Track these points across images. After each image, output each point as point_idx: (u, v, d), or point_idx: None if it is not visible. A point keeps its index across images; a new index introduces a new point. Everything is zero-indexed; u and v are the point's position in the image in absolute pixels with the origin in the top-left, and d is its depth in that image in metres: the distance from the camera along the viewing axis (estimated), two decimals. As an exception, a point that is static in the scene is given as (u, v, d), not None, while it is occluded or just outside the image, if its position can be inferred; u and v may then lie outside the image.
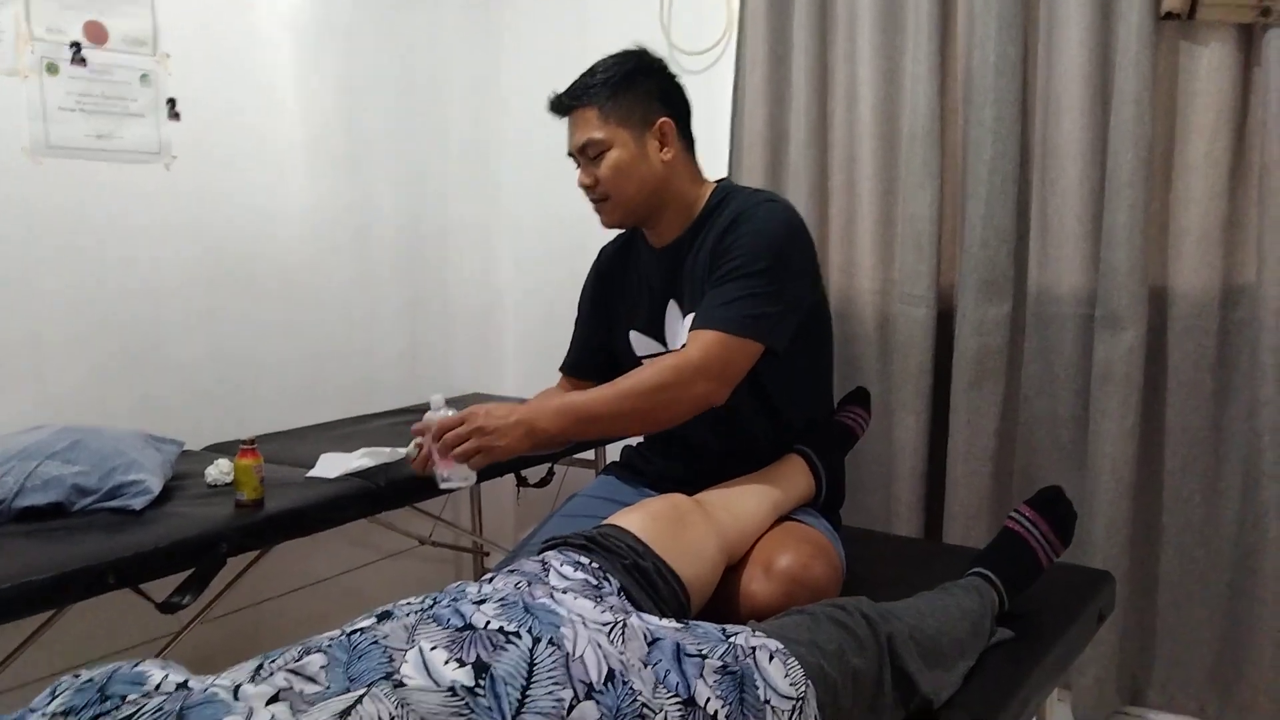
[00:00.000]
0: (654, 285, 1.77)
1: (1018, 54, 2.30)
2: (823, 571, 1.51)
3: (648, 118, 1.66)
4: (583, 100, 1.65)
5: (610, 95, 1.64)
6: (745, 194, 1.71)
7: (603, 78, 1.65)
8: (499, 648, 0.92)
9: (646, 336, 1.78)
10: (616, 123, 1.64)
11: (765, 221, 1.62)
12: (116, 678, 0.83)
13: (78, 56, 2.20)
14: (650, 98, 1.67)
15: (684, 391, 1.56)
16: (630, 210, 1.70)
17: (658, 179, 1.68)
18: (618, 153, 1.65)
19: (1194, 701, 2.29)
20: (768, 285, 1.58)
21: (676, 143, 1.69)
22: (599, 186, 1.68)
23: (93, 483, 1.85)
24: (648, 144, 1.66)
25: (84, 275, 2.26)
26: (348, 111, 2.83)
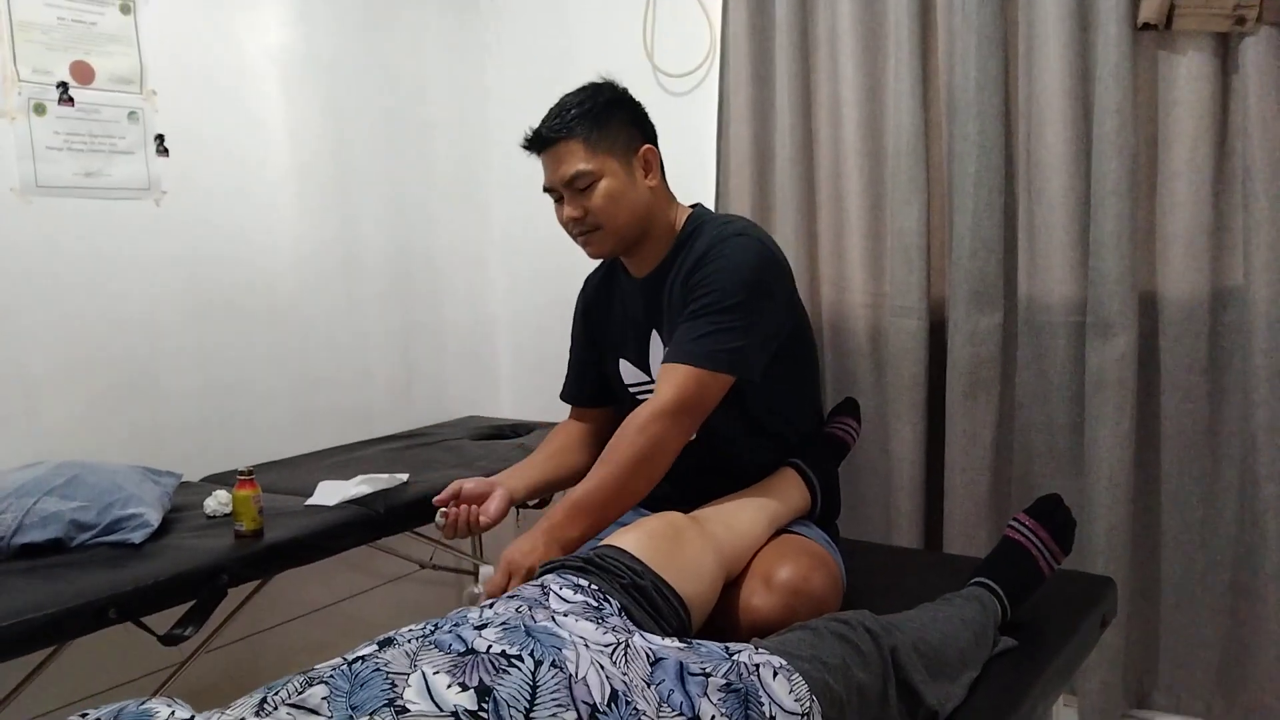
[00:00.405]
0: (637, 316, 1.78)
1: (999, 68, 2.32)
2: (822, 582, 1.52)
3: (630, 145, 1.67)
4: (565, 133, 1.64)
5: (594, 126, 1.64)
6: (716, 224, 1.71)
7: (581, 110, 1.64)
8: (501, 671, 0.92)
9: (634, 366, 1.79)
10: (604, 152, 1.64)
11: (735, 256, 1.62)
12: (124, 716, 0.83)
13: (65, 96, 2.21)
14: (629, 125, 1.68)
15: (666, 437, 1.57)
16: (621, 238, 1.70)
17: (645, 206, 1.69)
18: (609, 182, 1.64)
19: (1200, 703, 2.29)
20: (738, 319, 1.58)
21: (658, 170, 1.71)
22: (588, 217, 1.66)
23: (91, 518, 1.85)
24: (635, 171, 1.68)
25: (76, 311, 2.27)
26: (335, 141, 2.84)
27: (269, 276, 2.68)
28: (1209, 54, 2.11)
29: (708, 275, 1.61)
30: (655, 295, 1.74)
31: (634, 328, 1.79)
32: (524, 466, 1.87)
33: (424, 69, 3.10)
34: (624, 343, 1.81)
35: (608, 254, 1.76)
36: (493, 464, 2.45)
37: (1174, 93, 2.17)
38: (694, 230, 1.72)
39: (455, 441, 2.76)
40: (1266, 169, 2.05)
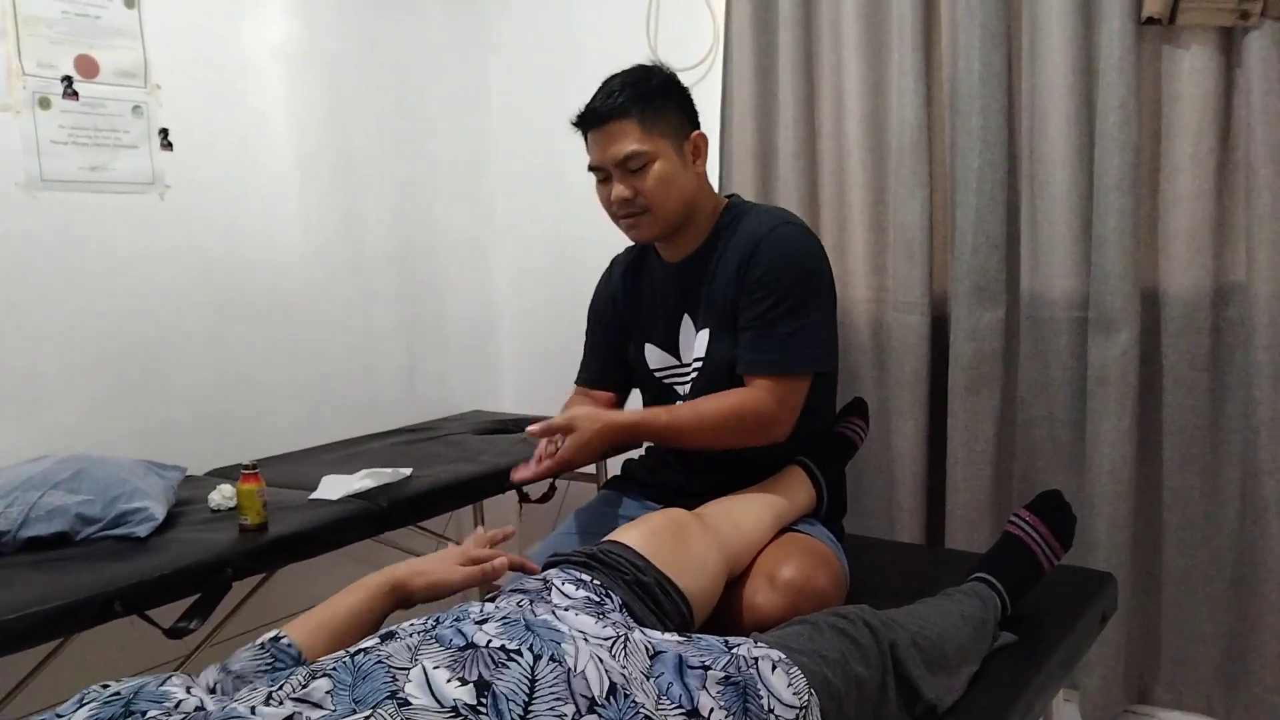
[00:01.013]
0: (668, 299, 1.78)
1: (1002, 62, 2.32)
2: (826, 581, 1.52)
3: (682, 130, 1.67)
4: (620, 112, 1.62)
5: (649, 106, 1.63)
6: (759, 213, 1.72)
7: (636, 90, 1.63)
8: (500, 665, 0.93)
9: (662, 350, 1.80)
10: (659, 133, 1.63)
11: (795, 247, 1.65)
12: (142, 694, 0.84)
13: (69, 90, 2.22)
14: (680, 111, 1.68)
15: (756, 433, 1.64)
16: (668, 223, 1.69)
17: (693, 192, 1.69)
18: (663, 164, 1.64)
19: (1201, 698, 2.29)
20: (810, 314, 1.63)
21: (705, 156, 1.71)
22: (639, 199, 1.65)
23: (97, 511, 1.87)
24: (686, 156, 1.68)
25: (81, 305, 2.28)
26: (339, 135, 2.85)
27: (273, 271, 2.69)
28: (1213, 49, 2.11)
29: (772, 268, 1.62)
30: (691, 280, 1.74)
31: (664, 312, 1.79)
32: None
33: (427, 63, 3.10)
34: (652, 327, 1.81)
35: (653, 238, 1.74)
36: (496, 458, 2.46)
37: (1177, 87, 2.17)
38: (734, 218, 1.72)
39: (459, 436, 2.77)
40: (1269, 164, 2.05)
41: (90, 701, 0.82)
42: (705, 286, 1.71)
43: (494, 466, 2.40)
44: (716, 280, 1.69)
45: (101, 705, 0.82)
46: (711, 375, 1.71)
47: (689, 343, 1.75)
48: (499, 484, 2.39)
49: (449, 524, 2.92)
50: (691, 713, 1.02)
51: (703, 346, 1.71)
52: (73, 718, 0.81)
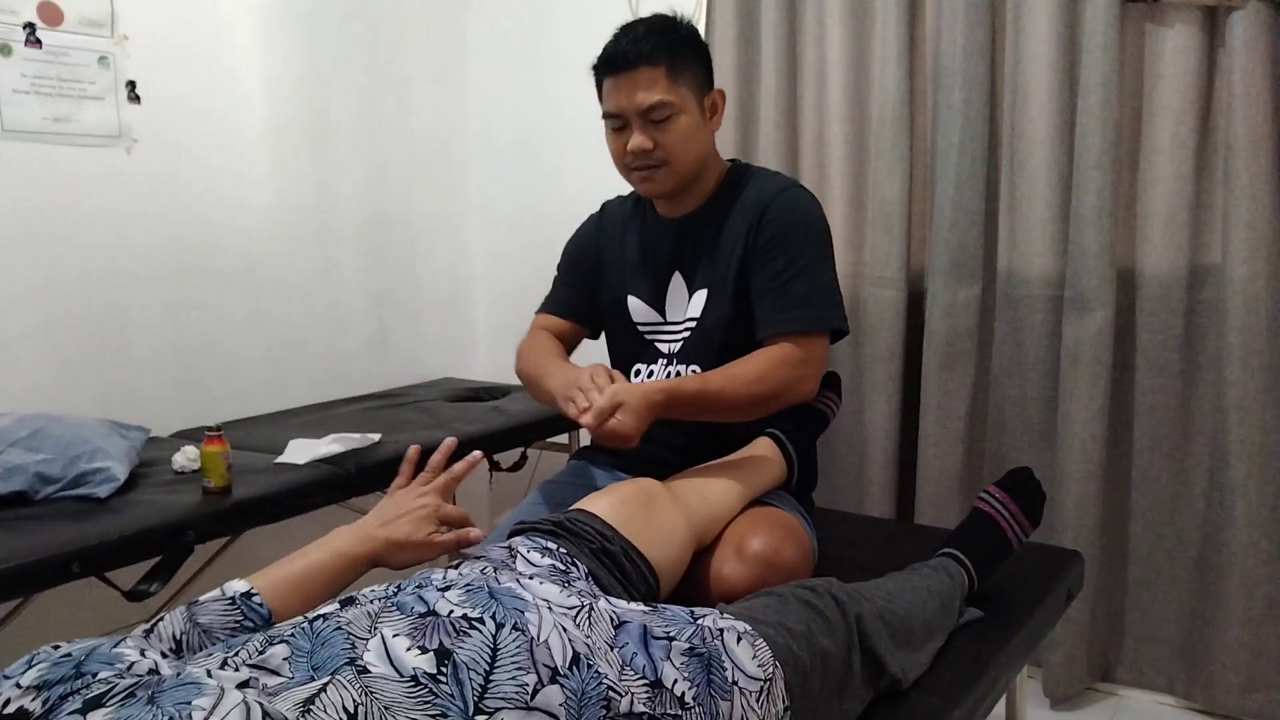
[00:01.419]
0: (660, 255, 1.75)
1: (986, 37, 2.30)
2: (794, 554, 1.52)
3: (704, 86, 1.64)
4: (649, 59, 1.55)
5: (679, 56, 1.58)
6: (765, 176, 1.71)
7: (665, 39, 1.57)
8: (462, 634, 0.91)
9: (647, 305, 1.77)
10: (685, 85, 1.59)
11: (805, 209, 1.65)
12: (94, 656, 0.82)
13: (32, 38, 2.15)
14: (702, 65, 1.64)
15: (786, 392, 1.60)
16: (683, 178, 1.66)
17: (708, 149, 1.68)
18: (687, 119, 1.60)
19: (1163, 677, 2.32)
20: (824, 274, 1.63)
21: (720, 115, 1.69)
22: (658, 151, 1.60)
23: (57, 471, 1.83)
24: (705, 112, 1.65)
25: (44, 262, 2.23)
26: (312, 98, 2.79)
27: (243, 231, 2.64)
28: (1197, 28, 2.10)
29: (785, 230, 1.61)
30: (689, 239, 1.72)
31: (653, 264, 1.76)
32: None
33: (403, 26, 3.05)
34: (639, 281, 1.78)
35: (665, 194, 1.69)
36: (467, 425, 2.44)
37: (1160, 66, 2.16)
38: (738, 180, 1.71)
39: (430, 403, 2.75)
40: (1248, 146, 2.04)
41: (40, 662, 0.80)
42: (705, 247, 1.69)
43: (464, 434, 2.37)
44: (720, 242, 1.67)
45: (51, 666, 0.80)
46: (704, 336, 1.69)
47: (678, 301, 1.73)
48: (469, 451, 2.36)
49: (418, 491, 2.89)
50: (655, 684, 1.01)
51: (697, 307, 1.69)
52: (21, 679, 0.79)
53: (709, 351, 1.68)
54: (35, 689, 0.77)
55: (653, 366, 1.76)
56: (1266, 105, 2.04)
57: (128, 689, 0.77)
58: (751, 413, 1.62)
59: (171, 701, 0.75)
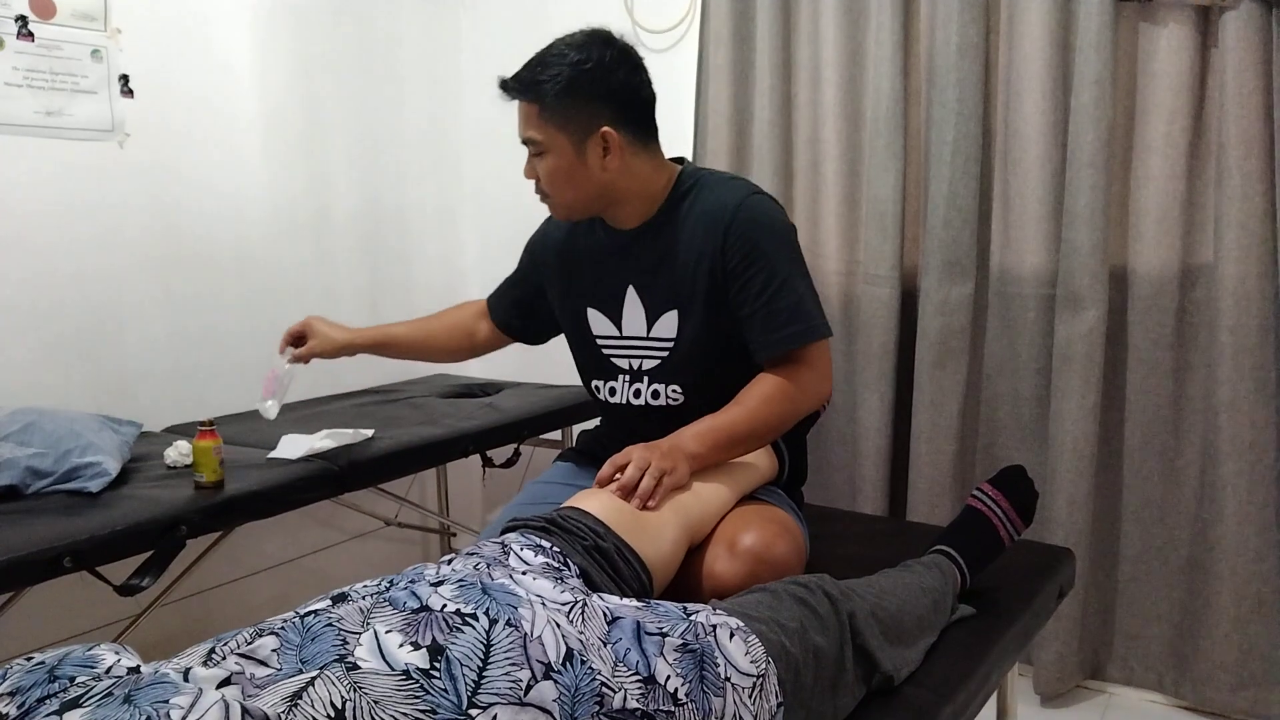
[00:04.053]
0: (611, 266, 1.72)
1: (980, 35, 2.30)
2: (786, 550, 1.51)
3: (591, 125, 1.57)
4: (526, 95, 1.57)
5: (554, 96, 1.54)
6: (719, 184, 1.65)
7: (551, 74, 1.54)
8: (455, 630, 0.91)
9: (605, 318, 1.74)
10: (555, 127, 1.56)
11: (770, 218, 1.61)
12: (68, 660, 0.82)
13: (24, 31, 2.14)
14: (596, 101, 1.55)
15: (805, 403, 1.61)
16: (574, 210, 1.65)
17: (599, 184, 1.61)
18: (553, 159, 1.58)
19: (1153, 675, 2.33)
20: (802, 282, 1.61)
21: (622, 151, 1.59)
22: (539, 183, 1.63)
23: (48, 465, 1.83)
24: (588, 152, 1.58)
25: (36, 256, 2.22)
26: (305, 91, 2.78)
27: (236, 226, 2.63)
28: (1190, 27, 2.11)
29: (756, 245, 1.58)
30: (641, 252, 1.68)
31: (606, 276, 1.72)
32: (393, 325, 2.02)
33: (397, 18, 3.04)
34: (595, 293, 1.74)
35: (566, 219, 1.71)
36: (460, 421, 2.44)
37: (1153, 65, 2.17)
38: (688, 189, 1.65)
39: (423, 399, 2.74)
40: (1240, 145, 2.05)
41: (13, 674, 0.80)
42: (662, 262, 1.65)
43: (457, 430, 2.38)
44: (680, 257, 1.63)
45: (24, 673, 0.80)
46: (685, 357, 1.66)
47: (635, 318, 1.69)
48: (462, 448, 2.37)
49: (410, 487, 2.90)
50: (648, 679, 1.01)
51: (670, 327, 1.66)
52: None
53: (692, 371, 1.66)
54: (9, 695, 0.77)
55: (613, 383, 1.74)
56: (1258, 105, 2.05)
57: (105, 690, 0.77)
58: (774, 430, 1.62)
59: (149, 700, 0.75)
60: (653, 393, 1.69)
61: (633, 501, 1.41)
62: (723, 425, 1.56)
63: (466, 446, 2.37)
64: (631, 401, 1.71)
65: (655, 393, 1.69)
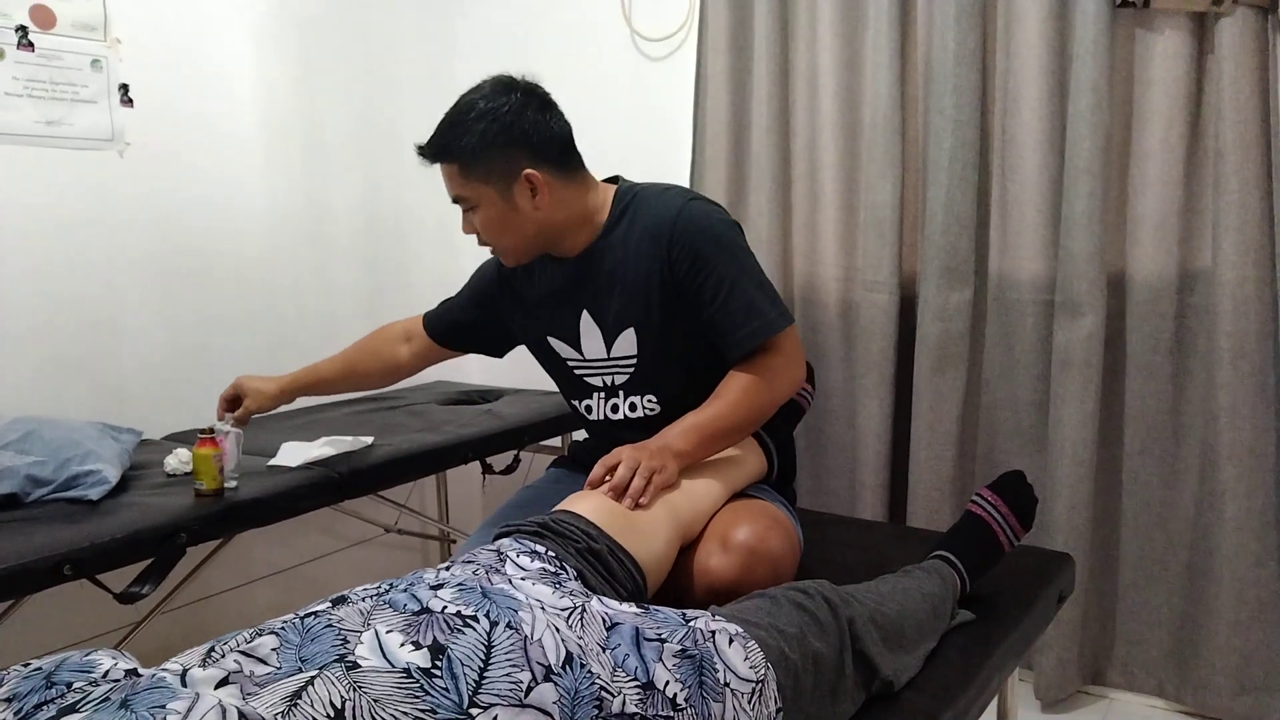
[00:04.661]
0: (562, 294, 1.72)
1: (977, 43, 2.31)
2: (779, 543, 1.51)
3: (511, 171, 1.58)
4: (443, 158, 1.61)
5: (470, 153, 1.58)
6: (653, 197, 1.66)
7: (462, 133, 1.58)
8: (456, 630, 0.91)
9: (564, 343, 1.74)
10: (478, 181, 1.58)
11: (708, 223, 1.61)
12: (65, 666, 0.82)
13: (24, 41, 2.15)
14: (512, 148, 1.57)
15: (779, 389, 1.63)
16: (522, 252, 1.67)
17: (535, 224, 1.62)
18: (484, 211, 1.61)
19: (1153, 680, 2.32)
20: (752, 277, 1.62)
21: (547, 184, 1.60)
22: (480, 237, 1.67)
23: (48, 473, 1.83)
24: (516, 196, 1.59)
25: (36, 265, 2.22)
26: (304, 101, 2.79)
27: (235, 235, 2.64)
28: (1186, 34, 2.12)
29: (700, 254, 1.58)
30: (586, 277, 1.68)
31: (559, 303, 1.73)
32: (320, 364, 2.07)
33: (395, 31, 3.05)
34: (552, 320, 1.75)
35: (516, 264, 1.71)
36: (459, 428, 2.44)
37: (1150, 72, 2.17)
38: (625, 208, 1.66)
39: (422, 406, 2.74)
40: (1238, 151, 2.06)
41: (10, 680, 0.80)
42: (611, 283, 1.65)
43: (457, 437, 2.38)
44: (629, 276, 1.63)
45: (21, 680, 0.80)
46: (652, 367, 1.67)
47: (593, 340, 1.70)
48: (462, 455, 2.37)
49: (410, 494, 2.90)
50: (647, 685, 1.01)
51: (630, 345, 1.67)
52: None
53: (662, 381, 1.68)
54: (6, 701, 0.78)
55: (588, 401, 1.75)
56: (1255, 110, 2.05)
57: (102, 695, 0.77)
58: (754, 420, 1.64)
59: (145, 705, 0.75)
60: (629, 405, 1.71)
61: (624, 501, 1.42)
62: (706, 421, 1.58)
63: (466, 453, 2.38)
64: (609, 416, 1.73)
65: (632, 405, 1.70)
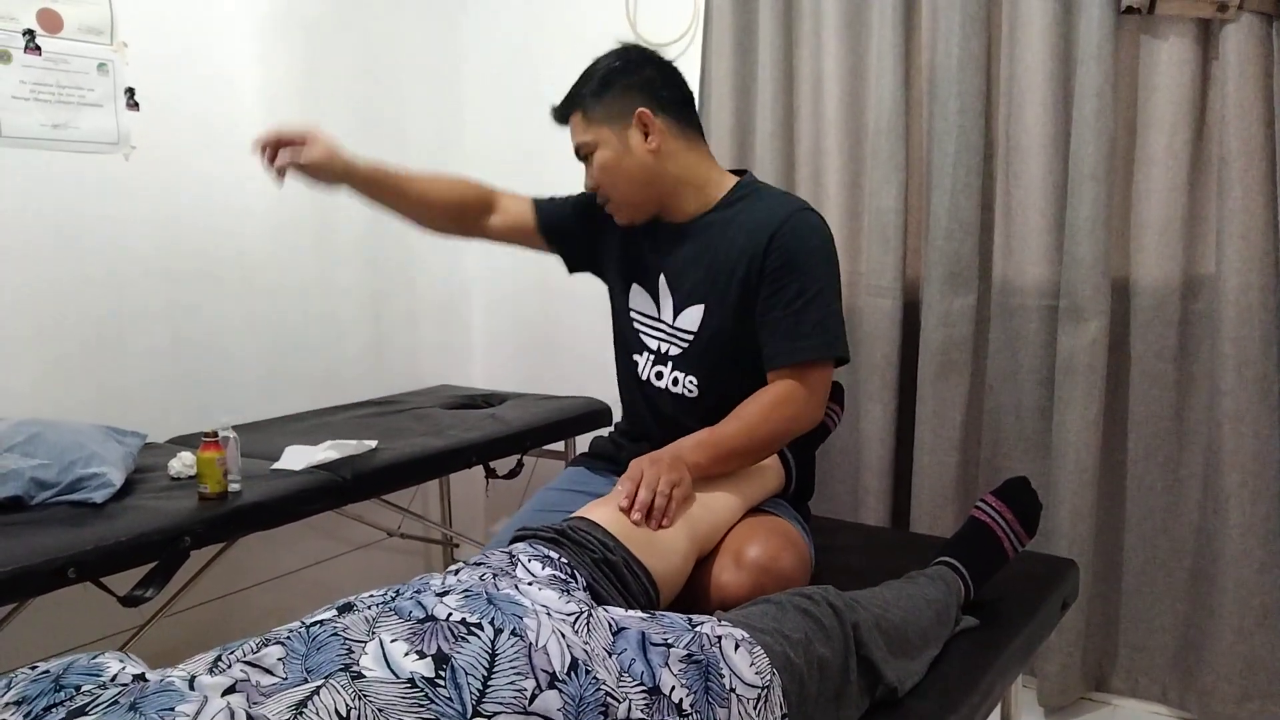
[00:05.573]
0: (653, 252, 1.77)
1: (981, 48, 2.31)
2: (792, 562, 1.52)
3: (626, 110, 1.66)
4: (571, 107, 1.69)
5: (593, 96, 1.66)
6: (774, 196, 1.72)
7: (583, 84, 1.68)
8: (460, 639, 0.91)
9: (645, 294, 1.78)
10: (599, 123, 1.67)
11: (817, 234, 1.66)
12: (73, 669, 0.82)
13: (31, 45, 2.16)
14: (630, 90, 1.66)
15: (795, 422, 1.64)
16: (635, 207, 1.72)
17: (648, 171, 1.67)
18: (602, 152, 1.67)
19: (1157, 686, 2.32)
20: (834, 302, 1.65)
21: (661, 129, 1.66)
22: (599, 189, 1.71)
23: (52, 476, 1.83)
24: (630, 138, 1.66)
25: (42, 267, 2.23)
26: (309, 104, 2.80)
27: (240, 238, 2.64)
28: (1191, 40, 2.11)
29: (798, 256, 1.62)
30: (681, 244, 1.72)
31: (649, 262, 1.77)
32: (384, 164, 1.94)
33: (400, 34, 3.05)
34: (642, 272, 1.79)
35: (629, 222, 1.75)
36: (463, 432, 2.44)
37: (1155, 78, 2.17)
38: (745, 195, 1.71)
39: (426, 410, 2.75)
40: (1242, 158, 2.06)
41: (19, 683, 0.80)
42: (700, 259, 1.70)
43: (460, 441, 2.38)
44: (719, 256, 1.67)
45: (30, 683, 0.80)
46: (704, 351, 1.70)
47: (665, 304, 1.75)
48: (465, 459, 2.37)
49: (414, 498, 2.90)
50: (653, 690, 1.01)
51: (693, 321, 1.70)
52: (1, 699, 0.79)
53: (711, 365, 1.70)
54: (15, 704, 0.78)
55: (638, 357, 1.78)
56: (1259, 116, 2.05)
57: (111, 698, 0.77)
58: (764, 445, 1.64)
59: (154, 708, 0.75)
60: (673, 379, 1.74)
61: (649, 524, 1.43)
62: (721, 438, 1.60)
63: (470, 458, 2.38)
64: (653, 381, 1.76)
65: (675, 380, 1.73)
